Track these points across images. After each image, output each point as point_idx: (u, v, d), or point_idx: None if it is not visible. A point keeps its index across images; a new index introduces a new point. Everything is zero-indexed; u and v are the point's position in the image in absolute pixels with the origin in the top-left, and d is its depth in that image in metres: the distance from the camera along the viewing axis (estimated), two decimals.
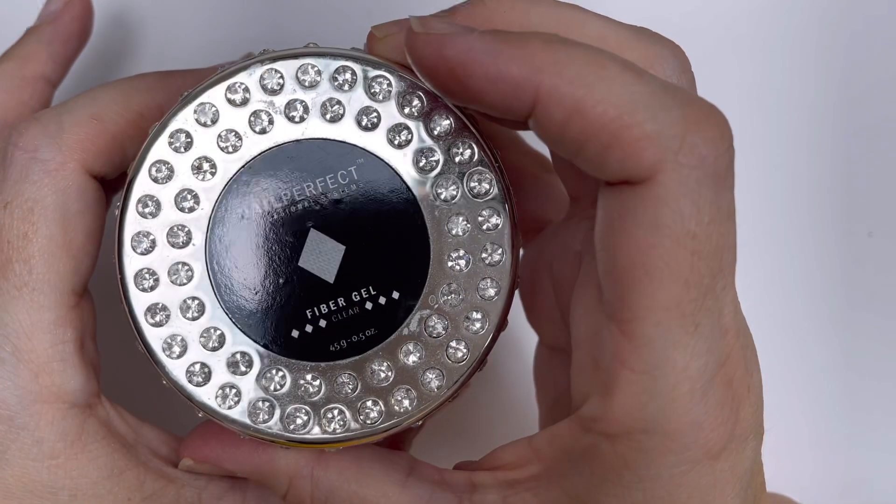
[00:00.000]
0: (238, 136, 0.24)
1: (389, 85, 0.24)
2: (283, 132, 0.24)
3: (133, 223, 0.24)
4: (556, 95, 0.22)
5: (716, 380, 0.22)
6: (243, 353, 0.25)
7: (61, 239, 0.25)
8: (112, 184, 0.28)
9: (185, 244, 0.24)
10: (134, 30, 0.37)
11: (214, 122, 0.24)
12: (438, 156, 0.25)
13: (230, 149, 0.24)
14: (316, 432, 0.25)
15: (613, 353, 0.23)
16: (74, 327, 0.26)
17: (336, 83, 0.24)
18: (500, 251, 0.25)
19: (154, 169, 0.24)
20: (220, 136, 0.24)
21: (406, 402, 0.25)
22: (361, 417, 0.25)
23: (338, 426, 0.25)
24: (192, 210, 0.24)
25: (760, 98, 0.39)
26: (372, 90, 0.24)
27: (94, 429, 0.26)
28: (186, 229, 0.24)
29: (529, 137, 0.29)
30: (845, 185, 0.39)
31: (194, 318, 0.24)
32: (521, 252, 0.26)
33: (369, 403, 0.25)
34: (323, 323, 0.25)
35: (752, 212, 0.38)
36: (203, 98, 0.24)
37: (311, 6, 0.37)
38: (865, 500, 0.40)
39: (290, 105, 0.24)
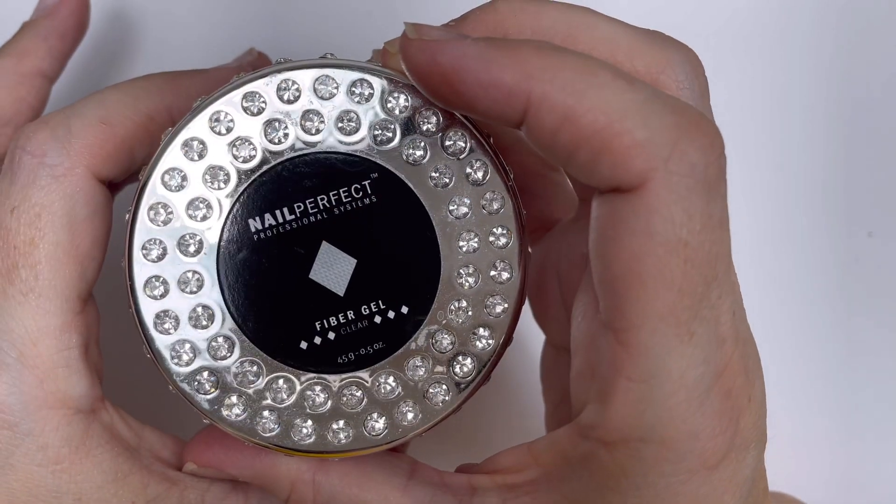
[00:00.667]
0: (252, 146, 0.24)
1: (406, 100, 0.25)
2: (298, 143, 0.25)
3: (144, 230, 0.24)
4: (547, 102, 0.22)
5: (713, 389, 0.23)
6: (251, 363, 0.25)
7: (68, 245, 0.25)
8: (118, 184, 0.28)
9: (196, 252, 0.24)
10: (134, 27, 0.37)
11: (229, 130, 0.24)
12: (452, 173, 0.25)
13: (244, 158, 0.24)
14: (320, 443, 0.25)
15: (610, 362, 0.23)
16: (79, 333, 0.26)
17: (353, 96, 0.25)
18: (509, 269, 0.25)
19: (167, 176, 0.24)
20: (234, 144, 0.24)
21: (410, 416, 0.25)
22: (366, 430, 0.25)
23: (342, 437, 0.25)
24: (204, 219, 0.24)
25: (761, 99, 0.39)
26: (388, 105, 0.25)
27: (97, 433, 0.26)
28: (198, 238, 0.24)
29: None
30: (845, 185, 0.40)
31: (203, 327, 0.25)
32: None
33: (375, 416, 0.25)
34: (332, 335, 0.25)
35: (753, 212, 0.38)
36: (218, 105, 0.24)
37: (312, 5, 0.37)
38: (866, 499, 0.40)
39: (306, 116, 0.24)
